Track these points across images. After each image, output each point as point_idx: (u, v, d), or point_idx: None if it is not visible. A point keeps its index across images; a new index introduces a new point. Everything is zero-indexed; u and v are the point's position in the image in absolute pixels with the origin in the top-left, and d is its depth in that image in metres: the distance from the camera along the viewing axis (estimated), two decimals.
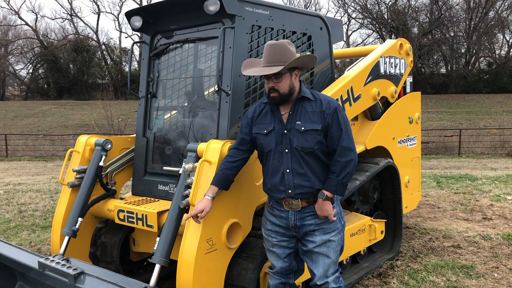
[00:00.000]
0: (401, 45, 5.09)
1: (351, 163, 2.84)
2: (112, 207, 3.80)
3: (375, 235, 4.55)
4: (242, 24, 3.59)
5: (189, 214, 2.89)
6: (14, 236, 6.13)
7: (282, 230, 2.97)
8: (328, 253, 2.91)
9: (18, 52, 43.20)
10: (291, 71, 2.85)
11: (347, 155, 2.82)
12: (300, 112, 2.88)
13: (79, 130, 24.75)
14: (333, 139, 2.84)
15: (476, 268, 4.64)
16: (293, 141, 2.83)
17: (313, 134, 2.82)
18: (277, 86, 2.82)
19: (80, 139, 4.10)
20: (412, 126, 5.35)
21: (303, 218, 2.90)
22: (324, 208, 2.83)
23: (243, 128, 3.04)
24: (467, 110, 27.68)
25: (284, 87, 2.83)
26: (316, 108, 2.87)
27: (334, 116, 2.85)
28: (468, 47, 35.44)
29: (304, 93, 2.91)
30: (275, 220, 2.99)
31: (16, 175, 12.99)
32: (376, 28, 37.46)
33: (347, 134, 2.86)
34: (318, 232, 2.90)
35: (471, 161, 14.45)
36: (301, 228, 2.92)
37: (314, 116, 2.85)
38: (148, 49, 4.17)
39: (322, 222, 2.90)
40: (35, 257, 3.14)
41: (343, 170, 2.82)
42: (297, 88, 2.90)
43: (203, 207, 2.86)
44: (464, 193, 8.35)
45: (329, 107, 2.86)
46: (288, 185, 2.86)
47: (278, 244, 3.00)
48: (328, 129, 2.84)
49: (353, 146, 2.87)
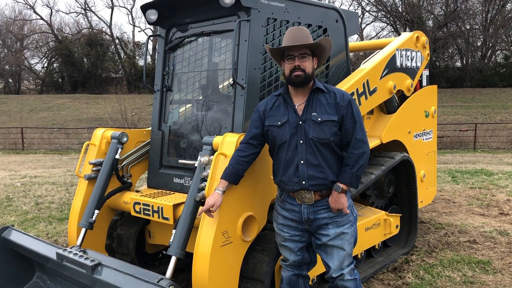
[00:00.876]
0: (418, 38, 5.03)
1: (365, 155, 2.87)
2: (128, 200, 3.83)
3: (390, 230, 4.52)
4: (258, 17, 3.58)
5: (201, 209, 2.89)
6: (32, 228, 6.22)
7: (295, 224, 2.97)
8: (342, 245, 2.91)
9: (33, 47, 43.70)
10: (312, 57, 2.89)
11: (361, 147, 2.85)
12: (316, 104, 2.88)
13: (93, 124, 24.97)
14: (348, 131, 2.86)
15: (493, 264, 4.59)
16: (309, 132, 2.83)
17: (330, 125, 2.83)
18: (302, 65, 2.83)
19: (96, 132, 4.14)
20: (428, 120, 5.29)
21: (316, 211, 2.90)
22: (339, 201, 2.84)
23: (253, 122, 3.04)
24: (482, 104, 27.27)
25: (309, 67, 2.86)
26: (331, 100, 2.89)
27: (349, 109, 2.87)
28: (484, 40, 34.88)
29: (318, 85, 2.94)
30: (287, 214, 2.98)
31: (32, 168, 13.18)
32: (390, 21, 37.02)
33: (360, 126, 2.89)
34: (331, 225, 2.90)
35: (486, 156, 14.27)
36: (314, 222, 2.91)
37: (329, 108, 2.86)
38: (163, 42, 4.17)
39: (335, 215, 2.90)
40: (54, 248, 3.19)
41: (357, 163, 2.84)
42: (314, 77, 2.93)
43: (213, 201, 2.86)
44: (480, 188, 8.24)
45: (343, 100, 2.89)
46: (302, 176, 2.85)
47: (291, 238, 3.00)
48: (343, 122, 2.86)
49: (366, 138, 2.91)
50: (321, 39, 2.90)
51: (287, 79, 2.91)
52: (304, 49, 2.86)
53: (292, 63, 2.85)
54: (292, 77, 2.86)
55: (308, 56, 2.86)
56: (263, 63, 3.67)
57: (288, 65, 2.87)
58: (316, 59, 2.95)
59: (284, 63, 2.93)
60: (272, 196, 3.40)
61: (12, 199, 8.10)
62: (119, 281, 2.73)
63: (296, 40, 2.83)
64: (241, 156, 2.98)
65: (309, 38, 2.87)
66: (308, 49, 2.88)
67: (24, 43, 43.25)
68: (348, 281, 2.91)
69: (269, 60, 3.72)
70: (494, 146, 16.89)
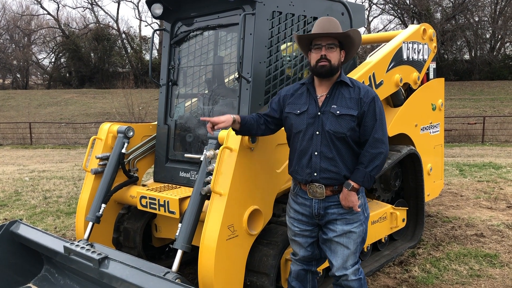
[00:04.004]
0: (425, 30, 4.98)
1: (381, 156, 2.77)
2: (134, 194, 3.85)
3: (397, 223, 4.51)
4: (263, 10, 3.56)
5: (209, 118, 2.84)
6: (40, 222, 6.28)
7: (305, 218, 2.95)
8: (347, 244, 2.86)
9: (40, 42, 43.91)
10: (340, 49, 2.84)
11: (378, 147, 2.76)
12: (337, 97, 2.83)
13: (101, 119, 25.08)
14: (367, 128, 2.78)
15: (500, 257, 4.57)
16: (326, 124, 2.79)
17: (348, 120, 2.77)
18: (329, 56, 2.78)
19: (102, 127, 4.15)
20: (435, 113, 5.26)
21: (326, 207, 2.87)
22: (349, 198, 2.78)
23: (273, 104, 3.03)
24: (491, 97, 27.02)
25: (336, 59, 2.80)
26: (354, 94, 2.82)
27: (371, 106, 2.79)
28: (493, 32, 34.47)
29: (344, 78, 2.87)
30: (298, 208, 2.97)
31: (40, 162, 13.28)
32: (398, 14, 36.72)
33: (381, 125, 2.80)
34: (340, 221, 2.86)
35: (495, 149, 14.17)
36: (324, 217, 2.89)
37: (351, 102, 2.80)
38: (169, 36, 4.17)
39: (345, 212, 2.85)
40: (61, 242, 3.22)
41: (372, 162, 2.76)
42: (340, 70, 2.87)
43: (225, 119, 2.82)
44: (487, 181, 8.19)
45: (367, 96, 2.81)
46: (315, 167, 2.82)
47: (301, 233, 2.99)
48: (363, 118, 2.79)
49: (386, 139, 2.81)
50: (350, 30, 2.82)
51: (312, 69, 2.86)
52: (332, 39, 2.80)
53: (319, 53, 2.79)
54: (318, 67, 2.81)
55: (335, 47, 2.80)
56: (269, 57, 3.66)
57: (315, 55, 2.82)
58: (344, 53, 2.89)
59: (310, 53, 2.87)
60: (278, 189, 3.41)
61: (20, 193, 8.17)
62: (125, 275, 2.75)
63: (325, 29, 2.78)
64: (258, 119, 2.99)
65: (338, 28, 2.80)
66: (336, 40, 2.81)
67: (31, 38, 43.45)
68: (352, 281, 2.87)
69: (275, 54, 3.71)
70: (502, 139, 16.75)
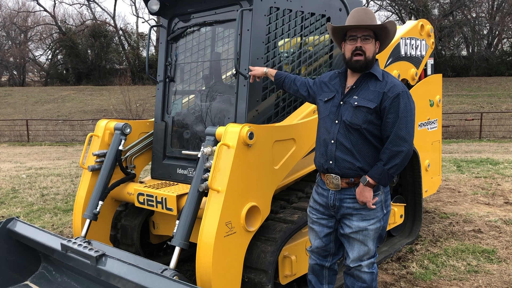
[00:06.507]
0: (422, 26, 4.98)
1: (402, 155, 2.68)
2: (132, 191, 3.84)
3: (394, 219, 4.52)
4: (260, 6, 3.54)
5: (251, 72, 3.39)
6: (37, 219, 6.26)
7: (322, 208, 2.98)
8: (364, 241, 2.85)
9: (37, 38, 43.75)
10: (375, 40, 2.81)
11: (399, 145, 2.67)
12: (362, 88, 2.81)
13: (98, 116, 25.03)
14: (387, 124, 2.71)
15: (498, 253, 4.58)
16: (344, 114, 2.79)
17: (364, 112, 2.73)
18: (364, 47, 2.75)
19: (99, 123, 4.13)
20: (433, 109, 5.26)
21: (342, 199, 2.86)
22: (364, 193, 2.75)
23: (316, 80, 3.13)
24: (488, 93, 27.07)
25: (371, 51, 2.77)
26: (379, 88, 2.76)
27: (395, 101, 2.70)
28: (490, 28, 34.51)
29: (374, 70, 2.81)
30: (317, 197, 3.01)
31: (37, 159, 13.25)
32: (395, 10, 36.70)
33: (404, 123, 2.68)
34: (355, 217, 2.84)
35: (492, 145, 14.20)
36: (339, 209, 2.88)
37: (373, 95, 2.75)
38: (165, 32, 4.15)
39: (361, 207, 2.82)
40: (58, 239, 3.20)
41: (392, 160, 2.68)
42: (374, 62, 2.82)
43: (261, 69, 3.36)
44: (485, 177, 8.21)
45: (392, 91, 2.72)
46: (330, 155, 2.83)
47: (318, 221, 3.02)
48: (384, 113, 2.72)
49: (409, 138, 2.70)
50: (387, 22, 2.78)
51: (347, 62, 2.83)
52: (368, 31, 2.75)
53: (354, 44, 2.76)
54: (353, 61, 2.77)
55: (371, 38, 2.76)
56: (266, 53, 3.64)
57: (350, 46, 2.78)
58: (378, 44, 2.85)
59: (344, 44, 2.84)
60: (275, 186, 3.40)
61: (17, 190, 8.15)
62: (123, 272, 2.74)
63: (360, 21, 2.74)
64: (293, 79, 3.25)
65: (374, 20, 2.76)
66: (372, 31, 2.77)
67: (28, 35, 43.28)
68: (364, 273, 2.87)
69: (272, 50, 3.69)
70: (500, 135, 16.80)
